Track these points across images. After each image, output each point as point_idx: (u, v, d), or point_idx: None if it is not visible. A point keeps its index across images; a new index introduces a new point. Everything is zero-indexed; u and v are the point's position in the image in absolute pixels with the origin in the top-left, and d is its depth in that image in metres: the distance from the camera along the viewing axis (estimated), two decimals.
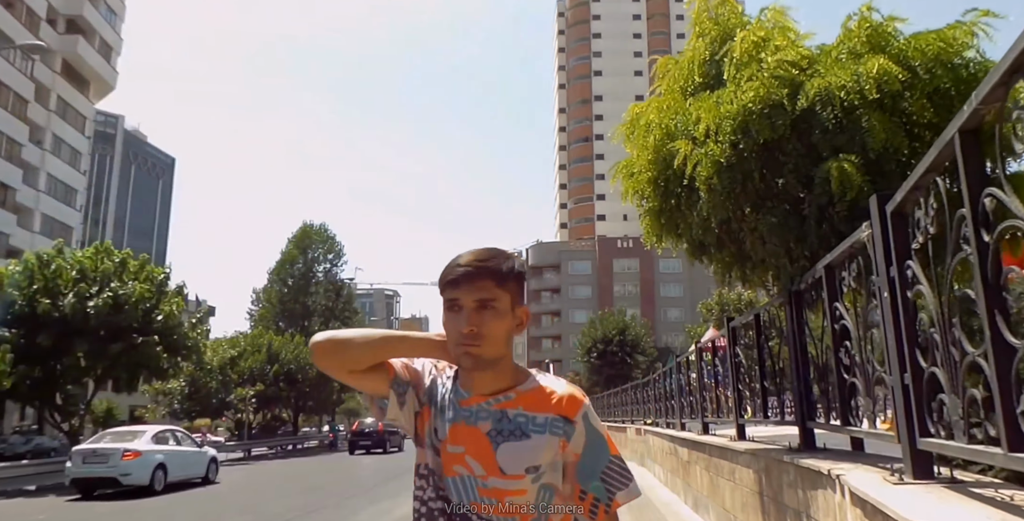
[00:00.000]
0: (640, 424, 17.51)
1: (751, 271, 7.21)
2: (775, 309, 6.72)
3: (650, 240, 8.25)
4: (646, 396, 16.65)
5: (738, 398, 7.44)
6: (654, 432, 13.86)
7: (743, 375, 7.35)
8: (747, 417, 7.38)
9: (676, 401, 11.44)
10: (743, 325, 7.64)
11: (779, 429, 6.84)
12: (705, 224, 6.71)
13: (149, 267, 23.12)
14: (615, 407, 23.39)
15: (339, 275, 43.42)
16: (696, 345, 9.84)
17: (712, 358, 9.08)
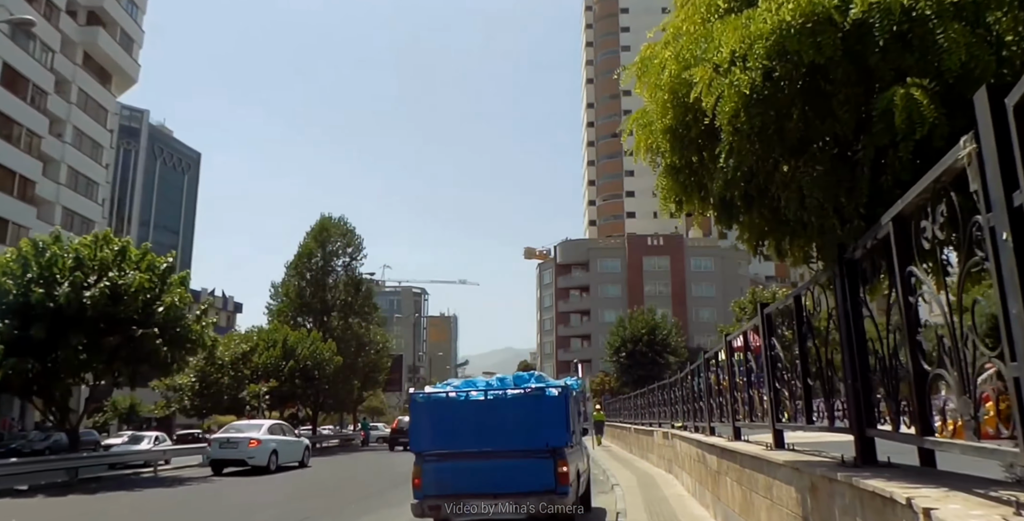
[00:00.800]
0: (667, 427, 16.14)
1: (789, 239, 5.70)
2: (820, 288, 5.13)
3: (668, 206, 6.86)
4: (673, 397, 15.26)
5: (775, 399, 6.20)
6: (681, 436, 12.46)
7: (781, 372, 6.07)
8: (785, 421, 6.02)
9: (704, 403, 10.22)
10: (780, 311, 6.18)
11: (824, 435, 5.39)
12: (730, 177, 5.25)
13: (151, 256, 21.94)
14: (642, 409, 21.87)
15: (358, 269, 42.28)
16: (726, 339, 8.35)
17: (744, 354, 7.73)
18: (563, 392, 8.72)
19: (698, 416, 11.08)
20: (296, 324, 37.89)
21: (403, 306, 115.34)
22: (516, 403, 8.64)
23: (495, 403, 8.65)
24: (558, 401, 8.63)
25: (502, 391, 8.83)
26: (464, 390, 9.04)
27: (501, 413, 8.56)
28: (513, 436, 8.42)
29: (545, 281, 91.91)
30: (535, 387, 8.89)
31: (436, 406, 8.85)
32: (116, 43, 50.44)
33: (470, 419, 8.60)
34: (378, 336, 41.13)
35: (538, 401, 8.60)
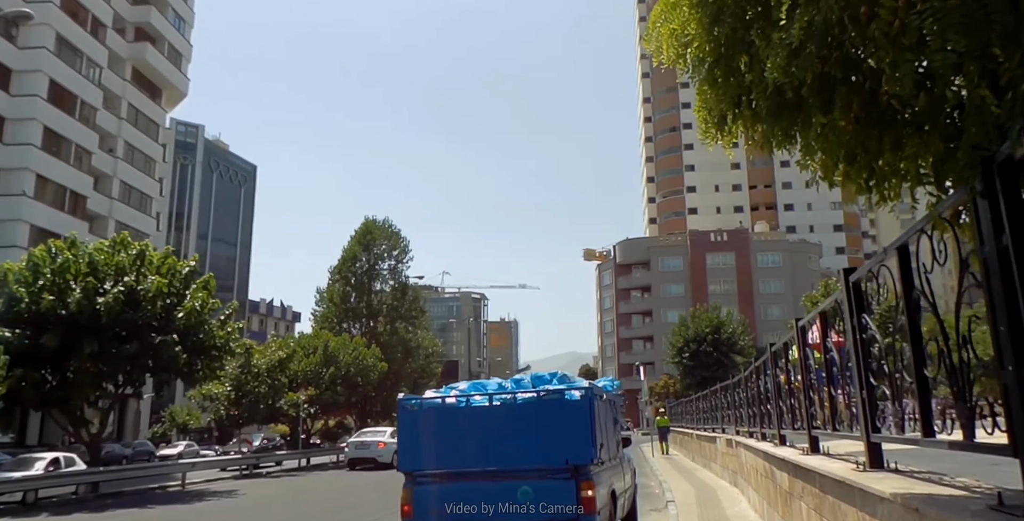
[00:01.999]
0: (732, 433, 14.01)
1: (891, 146, 3.62)
2: (942, 230, 3.13)
3: (709, 131, 4.94)
4: (737, 399, 13.16)
5: (869, 400, 4.27)
6: (746, 445, 10.35)
7: (878, 361, 4.14)
8: (890, 431, 3.99)
9: (773, 405, 8.19)
10: (871, 274, 4.15)
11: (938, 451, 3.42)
12: (798, 44, 3.29)
13: (172, 260, 20.93)
14: (704, 413, 19.66)
15: (404, 272, 40.92)
16: (797, 325, 6.33)
17: (822, 342, 5.72)
18: (587, 395, 7.02)
19: (765, 421, 9.06)
20: (341, 330, 36.72)
21: (463, 312, 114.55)
22: (529, 410, 7.06)
23: (503, 410, 7.09)
24: (580, 407, 6.94)
25: (511, 396, 7.19)
26: (466, 395, 7.48)
27: (510, 423, 7.03)
28: (526, 451, 6.87)
29: (605, 282, 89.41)
30: (552, 390, 7.22)
31: (430, 415, 7.32)
32: (164, 58, 50.78)
33: (472, 430, 7.11)
34: (426, 341, 39.73)
35: (556, 407, 7.02)
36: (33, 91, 38.56)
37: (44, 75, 39.19)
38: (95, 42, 43.32)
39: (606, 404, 8.04)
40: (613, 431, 8.52)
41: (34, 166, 38.29)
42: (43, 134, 39.02)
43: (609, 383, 8.99)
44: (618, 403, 9.41)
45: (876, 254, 4.07)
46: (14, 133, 38.05)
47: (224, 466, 25.88)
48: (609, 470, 7.83)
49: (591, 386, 7.37)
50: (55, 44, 40.10)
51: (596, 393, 7.32)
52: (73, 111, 41.35)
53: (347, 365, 32.32)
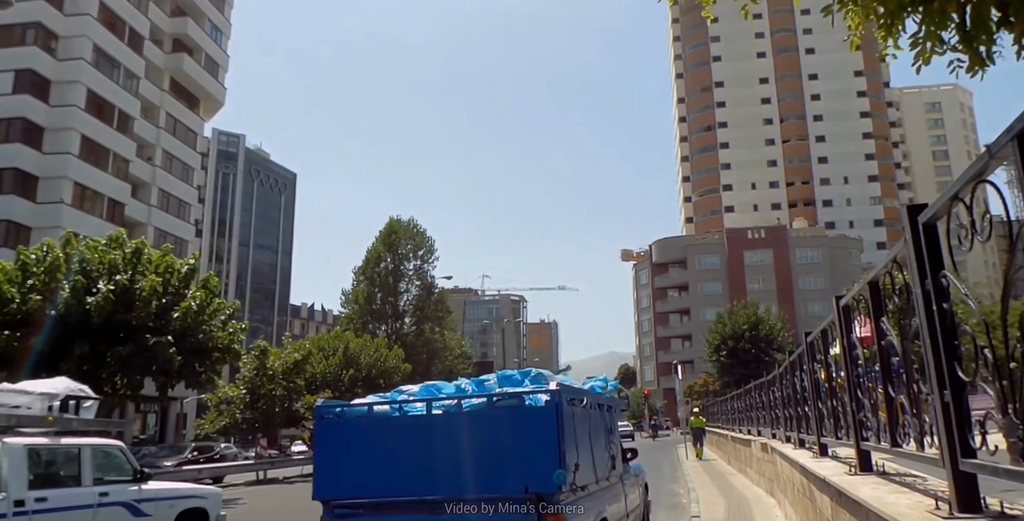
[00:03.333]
0: (767, 437, 13.38)
1: None
2: None
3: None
4: (772, 399, 12.58)
5: (954, 403, 2.66)
6: (781, 453, 9.72)
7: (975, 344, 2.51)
8: (988, 456, 2.46)
9: (811, 407, 7.38)
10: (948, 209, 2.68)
11: None
12: None
13: (170, 257, 20.34)
14: (740, 413, 19.03)
15: (430, 272, 40.58)
16: (839, 305, 5.04)
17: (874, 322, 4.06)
18: (553, 401, 5.37)
19: (803, 425, 8.47)
20: (366, 331, 36.54)
21: (502, 314, 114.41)
22: (478, 421, 5.51)
23: (445, 421, 5.57)
24: (544, 416, 5.33)
25: (454, 402, 5.73)
26: (400, 402, 6.03)
27: (455, 437, 5.49)
28: (474, 475, 5.34)
29: (642, 281, 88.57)
30: (508, 393, 5.71)
31: (354, 426, 5.82)
32: (201, 68, 51.57)
33: (408, 447, 5.59)
34: (453, 342, 39.44)
35: (512, 417, 5.45)
36: (71, 102, 39.43)
37: (82, 86, 40.05)
38: (133, 53, 44.16)
39: (589, 411, 6.31)
40: (604, 444, 6.79)
41: (72, 174, 39.12)
42: (81, 143, 39.87)
43: (602, 383, 7.24)
44: (616, 408, 7.76)
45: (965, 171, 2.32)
46: (53, 142, 38.94)
47: None
48: (598, 495, 6.29)
49: (562, 388, 5.61)
50: (93, 55, 40.97)
51: (571, 397, 5.72)
52: (111, 121, 42.18)
53: (368, 367, 31.90)
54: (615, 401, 7.94)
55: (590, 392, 6.68)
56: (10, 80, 38.37)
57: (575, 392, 6.08)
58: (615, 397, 8.12)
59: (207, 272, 23.28)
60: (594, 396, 6.78)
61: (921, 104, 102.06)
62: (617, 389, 8.27)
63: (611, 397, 7.65)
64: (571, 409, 5.63)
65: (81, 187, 39.93)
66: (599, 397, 6.99)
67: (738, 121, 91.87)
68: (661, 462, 24.43)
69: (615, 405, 7.86)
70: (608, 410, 7.30)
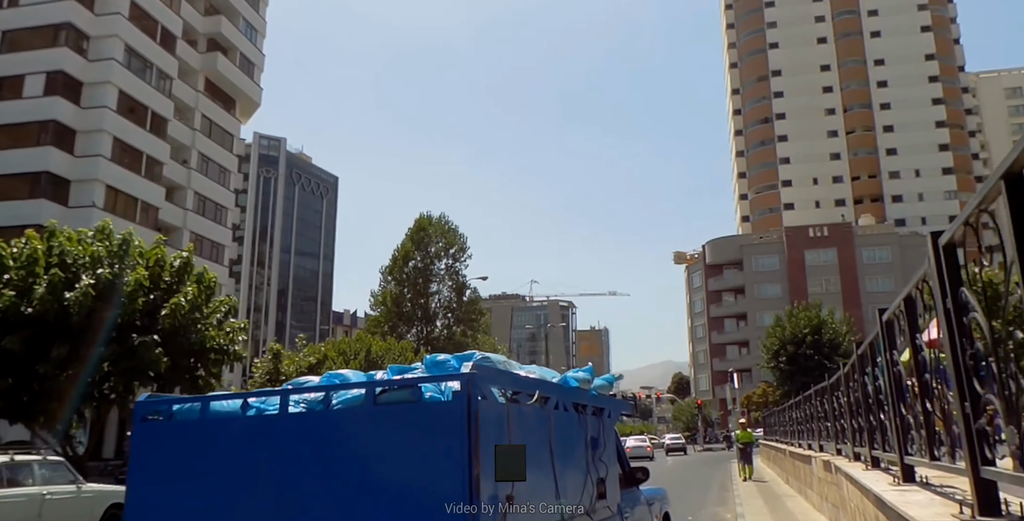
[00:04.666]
0: (831, 452, 10.94)
1: None
2: None
3: None
4: (836, 407, 10.13)
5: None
6: (848, 475, 7.20)
7: None
8: None
9: (889, 415, 5.17)
10: None
11: None
12: None
13: (161, 250, 18.72)
14: (798, 424, 16.31)
15: (462, 272, 38.38)
16: (922, 277, 3.51)
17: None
18: (466, 391, 3.30)
19: (876, 439, 6.10)
20: (397, 335, 34.57)
21: (550, 321, 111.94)
22: (353, 423, 3.51)
23: (304, 425, 3.58)
24: (450, 416, 3.30)
25: (320, 396, 3.68)
26: (256, 394, 3.96)
27: (319, 449, 3.48)
28: (346, 509, 3.36)
29: (695, 284, 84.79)
30: (397, 381, 3.72)
31: (182, 434, 3.81)
32: (236, 68, 50.90)
33: (254, 464, 3.57)
34: (487, 346, 37.21)
35: (404, 418, 3.42)
36: (103, 103, 38.83)
37: (114, 87, 39.44)
38: (165, 53, 43.53)
39: (550, 412, 4.16)
40: (582, 463, 4.53)
41: (104, 177, 38.46)
42: (113, 146, 39.22)
43: (586, 374, 4.91)
44: (613, 411, 5.38)
45: None
46: (85, 145, 38.38)
47: None
48: None
49: (484, 372, 3.51)
50: (124, 56, 40.38)
51: (507, 388, 3.73)
52: (143, 122, 41.52)
53: None
54: (611, 402, 5.43)
55: (550, 383, 4.39)
56: (41, 82, 38.01)
57: (513, 382, 3.86)
58: (610, 397, 5.50)
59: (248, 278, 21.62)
60: (563, 391, 4.53)
61: (1000, 89, 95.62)
62: (611, 383, 5.38)
63: (600, 396, 5.16)
64: (508, 408, 3.66)
65: (113, 190, 39.27)
66: (575, 394, 4.70)
67: (797, 112, 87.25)
68: (710, 479, 21.74)
69: (611, 407, 5.38)
70: (595, 414, 4.99)
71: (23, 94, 37.76)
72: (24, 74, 37.78)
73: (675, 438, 54.07)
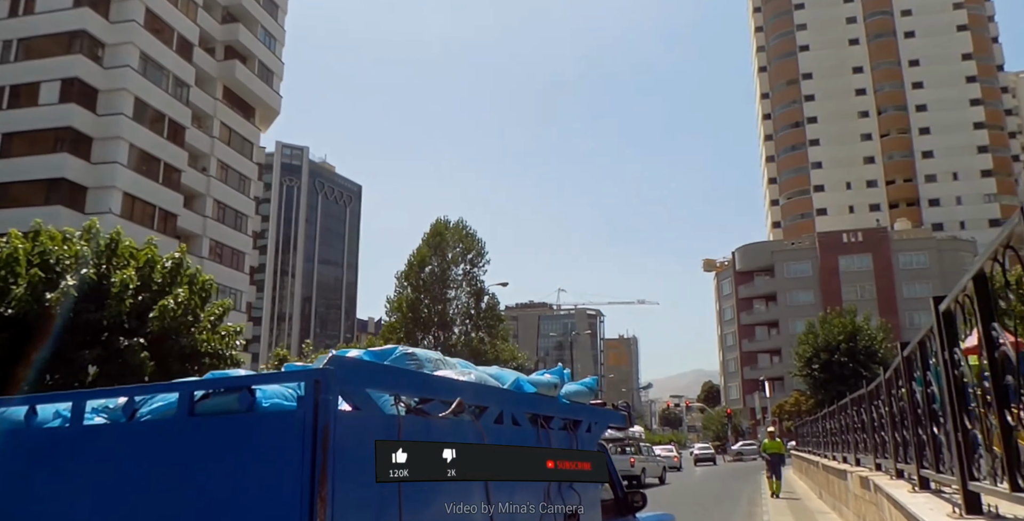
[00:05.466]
0: (869, 467, 9.69)
1: None
2: None
3: None
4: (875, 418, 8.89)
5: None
6: (892, 498, 5.88)
7: None
8: None
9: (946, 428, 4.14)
10: None
11: None
12: None
13: (152, 249, 17.92)
14: (833, 434, 14.94)
15: (480, 277, 37.36)
16: None
17: None
18: (310, 400, 2.18)
19: (923, 456, 4.90)
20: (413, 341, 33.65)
21: (578, 329, 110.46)
22: (164, 441, 2.40)
23: (103, 443, 2.50)
24: (286, 436, 2.18)
25: (122, 404, 2.59)
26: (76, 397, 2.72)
27: (118, 482, 2.36)
28: None
29: (724, 292, 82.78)
30: (219, 381, 2.77)
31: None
32: (255, 76, 50.71)
33: (48, 490, 2.46)
34: (506, 353, 36.01)
35: (229, 435, 2.31)
36: (119, 110, 38.66)
37: (129, 94, 39.28)
38: (182, 60, 43.37)
39: (481, 426, 2.98)
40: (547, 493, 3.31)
41: (121, 185, 38.23)
42: (129, 153, 39.02)
43: (553, 377, 3.73)
44: (598, 423, 4.14)
45: None
46: (101, 152, 38.21)
47: None
48: None
49: (345, 366, 2.43)
50: (140, 63, 40.24)
51: (392, 388, 2.63)
52: (160, 130, 41.32)
53: None
54: (590, 412, 4.05)
55: (482, 388, 3.19)
56: (56, 89, 37.95)
57: (401, 382, 2.69)
58: (592, 405, 4.18)
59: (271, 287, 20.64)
60: (509, 399, 3.33)
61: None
62: (592, 389, 4.08)
63: (575, 405, 3.89)
64: (402, 421, 2.52)
65: (131, 197, 39.05)
66: (531, 403, 3.46)
67: (829, 115, 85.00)
68: (739, 493, 20.33)
69: (591, 419, 4.03)
70: (566, 429, 3.71)
71: (39, 101, 37.73)
72: (40, 81, 37.79)
73: (704, 448, 52.60)
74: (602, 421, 4.24)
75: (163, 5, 41.95)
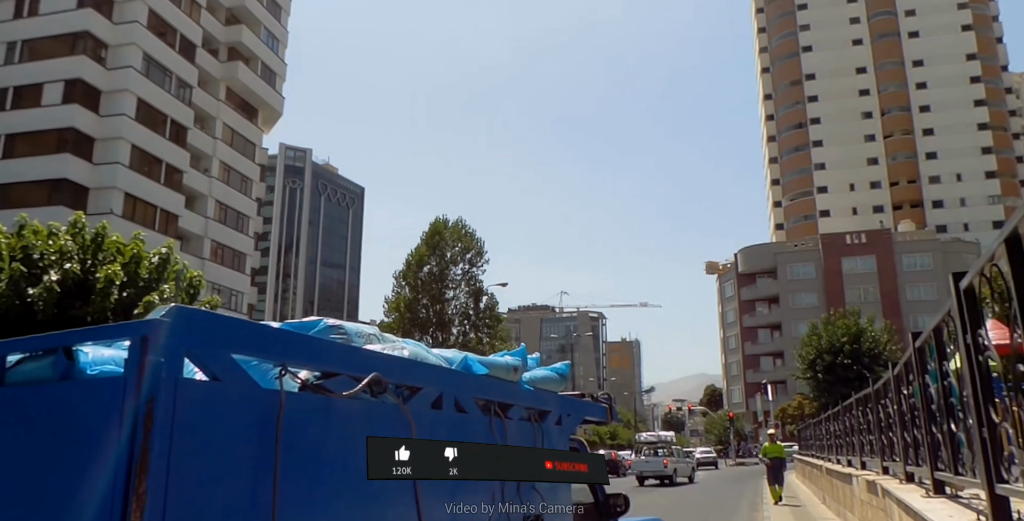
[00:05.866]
0: (875, 470, 9.48)
1: None
2: None
3: None
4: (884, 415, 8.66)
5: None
6: (904, 503, 5.70)
7: None
8: None
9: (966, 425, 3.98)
10: None
11: None
12: None
13: (138, 244, 17.61)
14: (837, 436, 14.74)
15: (479, 277, 37.12)
16: None
17: None
18: (134, 365, 1.71)
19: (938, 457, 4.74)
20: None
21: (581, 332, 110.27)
22: None
23: None
24: (106, 409, 1.72)
25: None
26: None
27: None
28: None
29: (727, 294, 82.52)
30: (35, 340, 2.28)
31: None
32: (258, 77, 50.67)
33: None
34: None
35: (38, 414, 1.90)
36: (121, 111, 38.63)
37: (132, 95, 39.25)
38: (185, 62, 43.34)
39: (404, 415, 2.37)
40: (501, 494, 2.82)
41: (122, 185, 38.17)
42: (131, 153, 38.98)
43: (514, 359, 3.34)
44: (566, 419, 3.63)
45: None
46: (103, 153, 38.18)
47: None
48: None
49: (196, 319, 1.86)
50: (143, 64, 40.22)
51: (276, 356, 2.04)
52: (163, 130, 41.28)
53: None
54: (561, 403, 3.62)
55: (409, 364, 2.66)
56: (59, 90, 37.93)
57: (283, 347, 2.11)
58: (565, 395, 3.84)
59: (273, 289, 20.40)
60: (451, 380, 2.83)
61: None
62: (563, 375, 3.67)
63: (541, 393, 3.46)
64: (286, 399, 1.96)
65: (132, 198, 38.99)
66: (481, 387, 3.00)
67: (833, 116, 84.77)
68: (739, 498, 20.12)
69: (562, 411, 3.57)
70: (531, 420, 3.27)
71: (42, 102, 37.72)
72: (43, 82, 37.78)
73: (706, 452, 52.37)
74: (576, 413, 3.77)
75: (166, 6, 41.94)
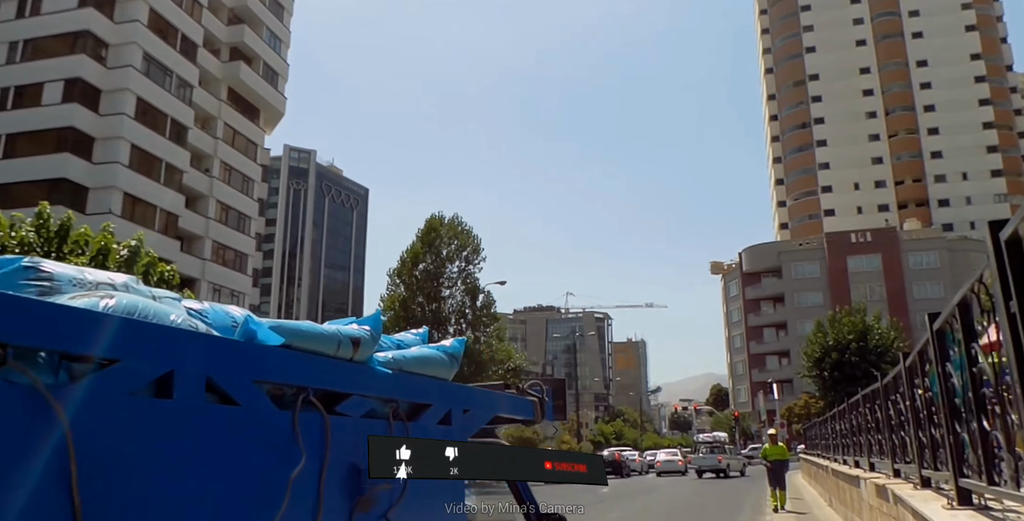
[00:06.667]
0: (886, 473, 9.08)
1: None
2: None
3: None
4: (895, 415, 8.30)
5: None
6: (920, 514, 5.30)
7: None
8: None
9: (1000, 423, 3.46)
10: None
11: None
12: None
13: (106, 236, 17.05)
14: (843, 436, 14.37)
15: (475, 275, 36.57)
16: None
17: None
18: None
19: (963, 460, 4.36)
20: None
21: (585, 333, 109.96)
22: None
23: None
24: None
25: None
26: None
27: None
28: None
29: (731, 293, 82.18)
30: None
31: None
32: (260, 77, 50.49)
33: None
34: (501, 353, 35.13)
35: None
36: (121, 110, 38.47)
37: (132, 94, 39.09)
38: (185, 61, 43.17)
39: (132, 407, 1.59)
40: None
41: (122, 184, 38.00)
42: (131, 153, 38.81)
43: (364, 330, 2.29)
44: (464, 420, 2.76)
45: None
46: (102, 152, 38.01)
47: None
48: None
49: None
50: (143, 63, 40.05)
51: None
52: (163, 130, 41.10)
53: None
54: (470, 396, 2.90)
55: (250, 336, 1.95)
56: (59, 90, 37.79)
57: None
58: (466, 386, 3.06)
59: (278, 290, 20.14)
60: (193, 347, 1.79)
61: None
62: (453, 356, 2.81)
63: (413, 377, 2.53)
64: None
65: (131, 198, 38.81)
66: (284, 363, 2.00)
67: (837, 116, 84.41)
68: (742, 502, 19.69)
69: (469, 405, 2.84)
70: (395, 418, 2.40)
71: (42, 102, 37.58)
72: (43, 82, 37.65)
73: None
74: (482, 410, 2.90)
75: (167, 6, 41.78)
